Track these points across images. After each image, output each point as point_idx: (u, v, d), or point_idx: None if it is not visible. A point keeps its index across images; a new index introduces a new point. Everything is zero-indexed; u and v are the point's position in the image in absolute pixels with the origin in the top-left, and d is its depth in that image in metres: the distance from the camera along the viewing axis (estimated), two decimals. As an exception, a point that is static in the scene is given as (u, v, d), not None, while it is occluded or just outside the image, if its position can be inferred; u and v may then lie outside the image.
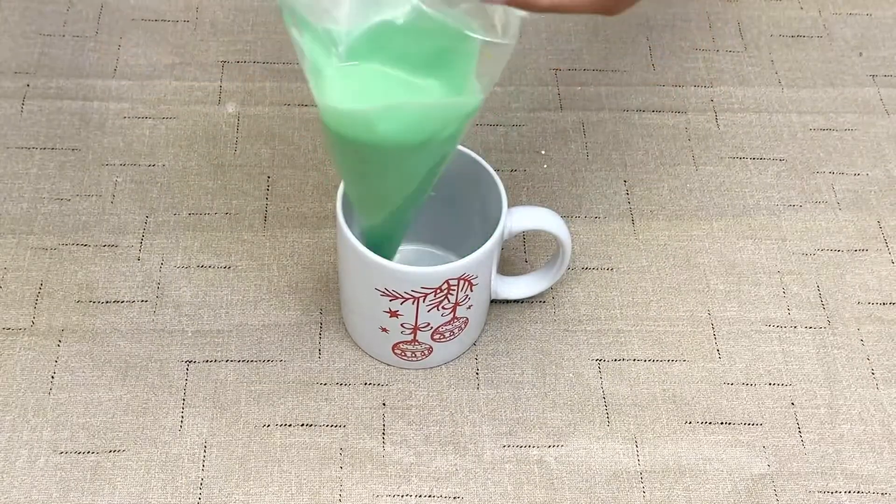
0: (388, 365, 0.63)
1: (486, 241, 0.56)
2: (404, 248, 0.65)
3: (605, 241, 0.69)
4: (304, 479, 0.58)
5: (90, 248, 0.66)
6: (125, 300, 0.64)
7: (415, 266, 0.55)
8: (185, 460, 0.58)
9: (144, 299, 0.64)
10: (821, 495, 0.59)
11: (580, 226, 0.69)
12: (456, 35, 0.46)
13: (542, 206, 0.61)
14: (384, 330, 0.59)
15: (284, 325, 0.64)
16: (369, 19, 0.47)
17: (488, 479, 0.59)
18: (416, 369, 0.63)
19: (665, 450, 0.60)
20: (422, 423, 0.61)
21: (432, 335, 0.60)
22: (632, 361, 0.64)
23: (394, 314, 0.58)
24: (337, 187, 0.58)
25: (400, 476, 0.59)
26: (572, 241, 0.61)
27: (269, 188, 0.70)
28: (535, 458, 0.60)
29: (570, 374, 0.63)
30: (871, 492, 0.59)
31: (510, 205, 0.58)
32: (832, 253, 0.69)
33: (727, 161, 0.73)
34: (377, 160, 0.51)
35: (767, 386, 0.63)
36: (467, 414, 0.61)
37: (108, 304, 0.64)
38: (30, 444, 0.58)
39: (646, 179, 0.72)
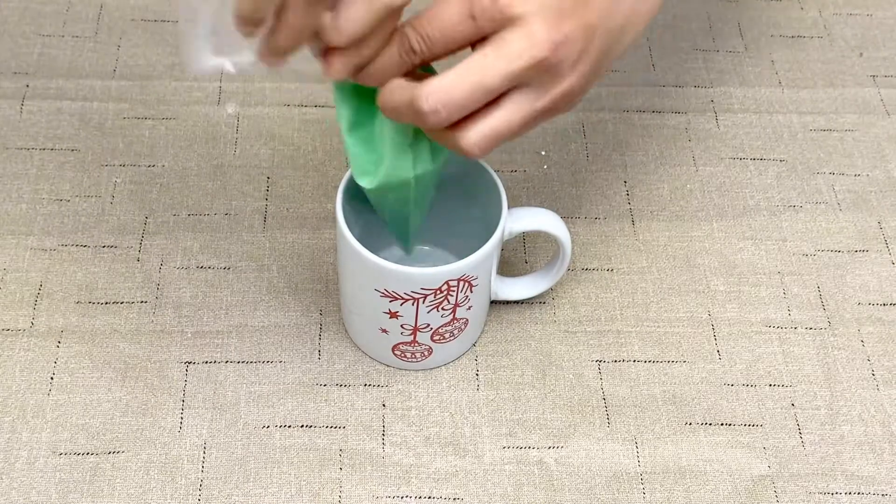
0: (388, 366, 0.63)
1: (485, 242, 0.56)
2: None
3: (605, 241, 0.69)
4: (304, 481, 0.58)
5: (90, 249, 0.66)
6: (125, 301, 0.64)
7: (414, 267, 0.55)
8: (185, 461, 0.58)
9: (144, 300, 0.64)
10: (821, 496, 0.59)
11: (580, 227, 0.69)
12: None
13: (542, 206, 0.61)
14: (384, 331, 0.59)
15: (284, 326, 0.64)
16: None
17: (488, 480, 0.59)
18: (416, 370, 0.63)
19: (665, 451, 0.60)
20: (422, 425, 0.60)
21: (432, 336, 0.60)
22: (632, 362, 0.63)
23: (394, 315, 0.58)
24: (337, 187, 0.58)
25: (400, 477, 0.58)
26: (572, 241, 0.61)
27: (269, 189, 0.70)
28: (535, 459, 0.59)
29: (570, 376, 0.63)
30: (872, 493, 0.59)
31: (510, 206, 0.58)
32: (832, 254, 0.69)
33: (727, 162, 0.73)
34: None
35: (768, 387, 0.63)
36: (467, 415, 0.61)
37: (108, 304, 0.64)
38: (29, 445, 0.58)
39: (646, 180, 0.72)
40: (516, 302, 0.65)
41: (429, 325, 0.58)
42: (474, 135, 0.48)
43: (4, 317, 0.63)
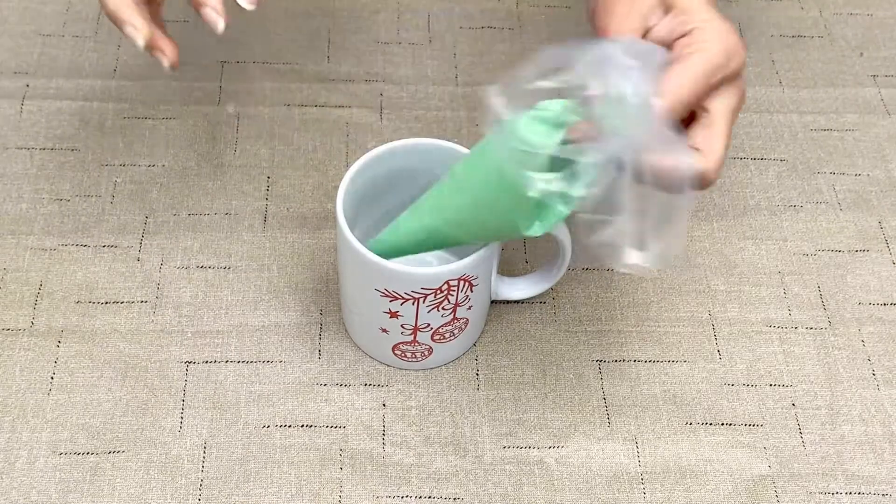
0: (388, 366, 0.63)
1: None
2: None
3: (606, 241, 0.69)
4: (304, 481, 0.58)
5: (90, 249, 0.66)
6: (125, 301, 0.64)
7: (415, 267, 0.55)
8: (185, 461, 0.58)
9: (144, 300, 0.64)
10: (821, 496, 0.59)
11: (580, 226, 0.69)
12: None
13: (543, 206, 0.61)
14: (384, 331, 0.59)
15: (284, 325, 0.64)
16: None
17: (488, 480, 0.59)
18: (417, 370, 0.63)
19: (666, 451, 0.60)
20: (422, 424, 0.60)
21: (432, 336, 0.60)
22: (632, 362, 0.63)
23: (394, 315, 0.58)
24: (337, 187, 0.58)
25: (400, 477, 0.58)
26: (572, 241, 0.61)
27: (269, 189, 0.70)
28: (536, 459, 0.59)
29: (571, 375, 0.63)
30: (872, 493, 0.59)
31: (510, 205, 0.58)
32: (833, 253, 0.69)
33: (727, 161, 0.73)
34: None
35: (768, 387, 0.63)
36: (467, 415, 0.61)
37: (108, 304, 0.64)
38: (29, 444, 0.58)
39: (646, 180, 0.72)
40: (516, 302, 0.65)
41: (429, 324, 0.58)
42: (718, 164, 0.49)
43: (4, 316, 0.63)
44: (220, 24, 0.58)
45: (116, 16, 0.58)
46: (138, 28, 0.57)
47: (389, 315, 0.58)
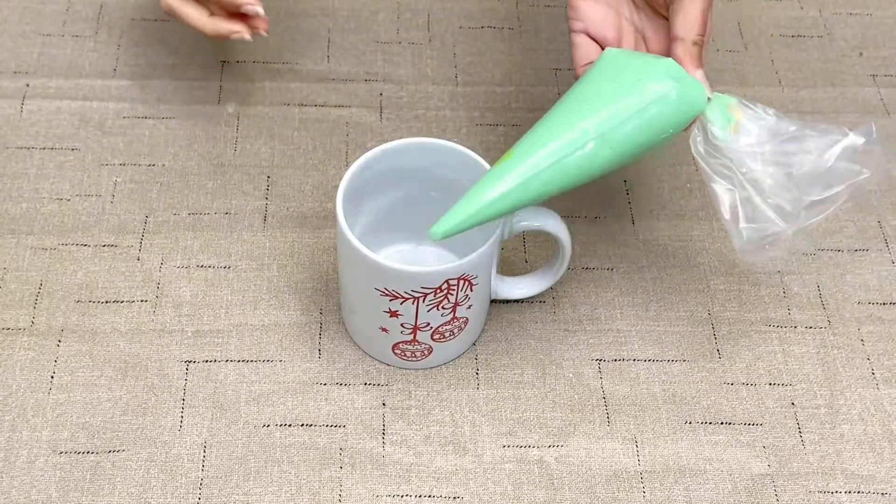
0: (388, 365, 0.63)
1: (485, 241, 0.56)
2: (404, 248, 0.65)
3: (606, 241, 0.69)
4: (304, 480, 0.58)
5: (90, 248, 0.66)
6: (125, 300, 0.64)
7: (414, 266, 0.55)
8: (185, 460, 0.58)
9: (144, 299, 0.64)
10: (821, 495, 0.59)
11: (580, 226, 0.69)
12: None
13: (542, 206, 0.61)
14: (384, 330, 0.59)
15: (284, 325, 0.64)
16: None
17: (488, 479, 0.59)
18: (416, 369, 0.63)
19: (665, 450, 0.60)
20: (422, 424, 0.60)
21: (432, 335, 0.60)
22: (632, 361, 0.63)
23: (394, 314, 0.58)
24: (337, 187, 0.58)
25: (400, 476, 0.59)
26: (572, 241, 0.61)
27: (269, 188, 0.70)
28: (535, 458, 0.59)
29: (570, 374, 0.63)
30: (871, 492, 0.59)
31: (510, 205, 0.58)
32: (832, 253, 0.69)
33: (727, 161, 0.73)
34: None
35: (767, 386, 0.63)
36: (467, 414, 0.61)
37: (108, 303, 0.64)
38: (29, 444, 0.58)
39: (646, 179, 0.72)
40: (516, 301, 0.65)
41: (429, 323, 0.58)
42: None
43: (5, 316, 0.63)
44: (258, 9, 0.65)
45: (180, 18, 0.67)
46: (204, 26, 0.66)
47: (389, 314, 0.58)
